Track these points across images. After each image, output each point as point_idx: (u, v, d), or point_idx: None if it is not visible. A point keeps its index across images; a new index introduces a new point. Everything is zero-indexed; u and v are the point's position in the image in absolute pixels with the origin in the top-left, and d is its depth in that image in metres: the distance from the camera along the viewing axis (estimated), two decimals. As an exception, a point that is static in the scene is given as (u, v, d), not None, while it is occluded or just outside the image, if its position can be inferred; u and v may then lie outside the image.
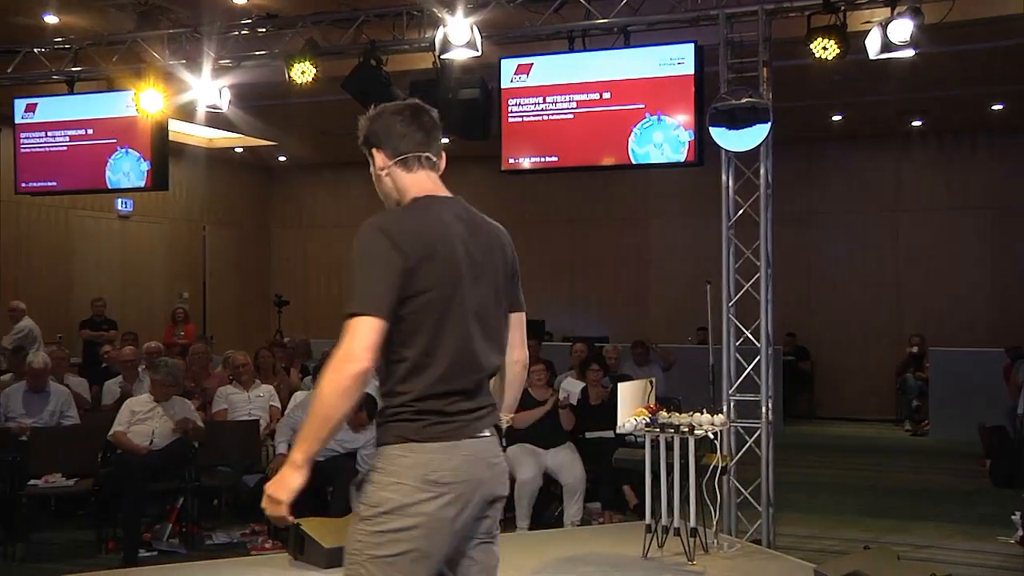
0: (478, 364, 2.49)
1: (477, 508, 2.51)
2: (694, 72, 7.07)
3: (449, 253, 2.45)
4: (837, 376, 14.21)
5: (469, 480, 2.46)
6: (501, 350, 2.58)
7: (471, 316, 2.46)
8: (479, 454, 2.49)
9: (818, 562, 5.70)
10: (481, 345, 2.48)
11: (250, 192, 17.52)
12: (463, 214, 2.59)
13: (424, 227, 2.47)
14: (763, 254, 6.88)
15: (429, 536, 2.42)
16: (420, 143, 2.62)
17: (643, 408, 6.16)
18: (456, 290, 2.44)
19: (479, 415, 2.50)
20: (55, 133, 9.27)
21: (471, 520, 2.52)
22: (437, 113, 2.70)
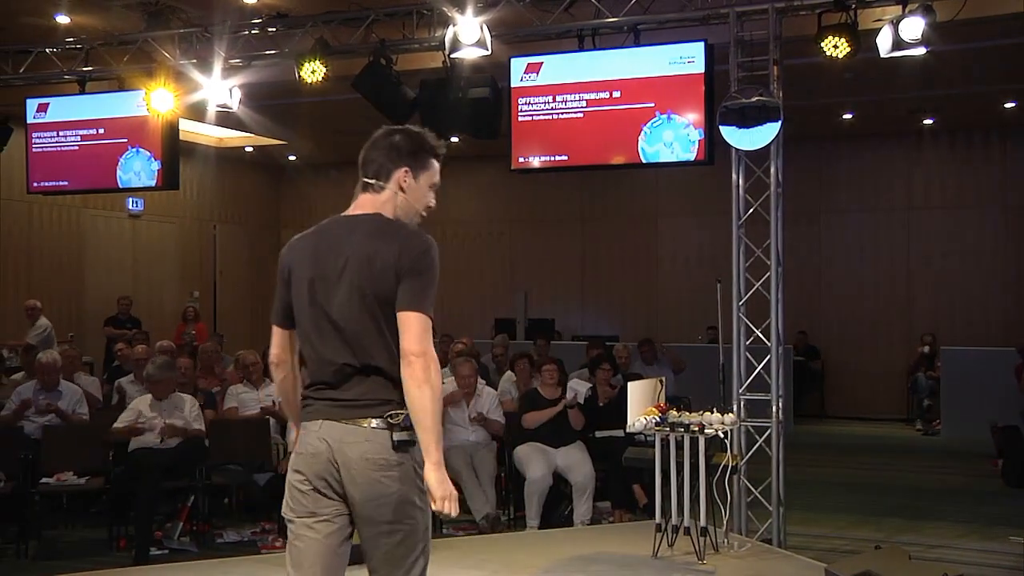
0: (328, 360, 2.84)
1: (320, 482, 2.83)
2: (704, 71, 7.05)
3: (301, 268, 2.91)
4: (848, 375, 14.18)
5: (315, 455, 2.83)
6: (362, 349, 2.81)
7: (323, 320, 2.84)
8: (332, 435, 2.80)
9: (829, 561, 5.69)
10: (333, 345, 2.83)
11: (260, 191, 17.57)
12: (336, 229, 2.94)
13: (299, 244, 2.99)
14: (773, 253, 6.87)
15: (290, 496, 2.91)
16: (360, 166, 3.02)
17: (653, 407, 6.16)
18: (306, 299, 2.88)
19: (345, 404, 2.81)
20: (67, 133, 9.31)
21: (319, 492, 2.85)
22: (391, 132, 3.06)
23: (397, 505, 2.80)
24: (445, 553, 6.32)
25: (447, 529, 7.39)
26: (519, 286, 15.86)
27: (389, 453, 2.77)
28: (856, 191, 14.36)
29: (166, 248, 15.43)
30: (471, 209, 16.74)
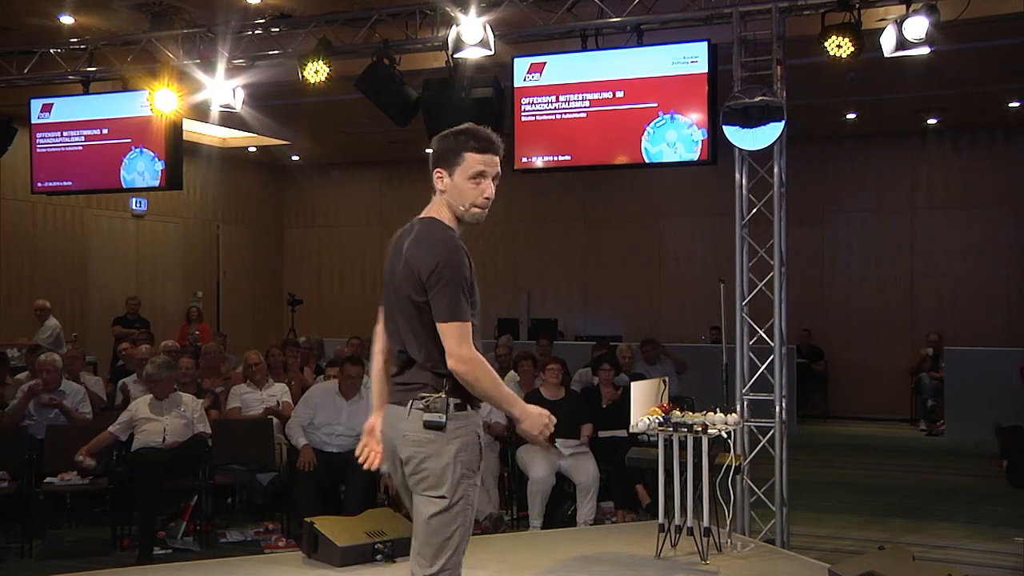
0: (393, 348, 3.24)
1: (391, 458, 3.20)
2: (708, 71, 7.05)
3: (386, 263, 3.29)
4: (851, 376, 14.16)
5: (384, 437, 3.24)
6: (409, 340, 3.14)
7: (391, 312, 3.24)
8: (389, 417, 3.20)
9: (832, 562, 5.69)
10: (395, 334, 3.21)
11: (263, 191, 17.59)
12: (406, 230, 3.29)
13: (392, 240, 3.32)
14: (777, 253, 6.86)
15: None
16: None
17: (656, 407, 6.15)
18: (385, 292, 3.26)
19: (399, 387, 3.18)
20: (71, 133, 9.32)
21: (394, 468, 3.20)
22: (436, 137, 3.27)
23: (431, 479, 3.05)
24: (448, 553, 6.31)
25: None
26: (522, 286, 15.87)
27: (421, 432, 3.06)
28: (860, 191, 14.34)
29: (170, 248, 15.45)
30: (474, 209, 16.73)
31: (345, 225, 17.59)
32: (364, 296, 17.32)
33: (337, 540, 5.91)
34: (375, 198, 17.51)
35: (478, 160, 3.15)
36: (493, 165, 3.17)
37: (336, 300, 17.30)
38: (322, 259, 17.76)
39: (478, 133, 3.18)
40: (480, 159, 3.15)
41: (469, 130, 3.19)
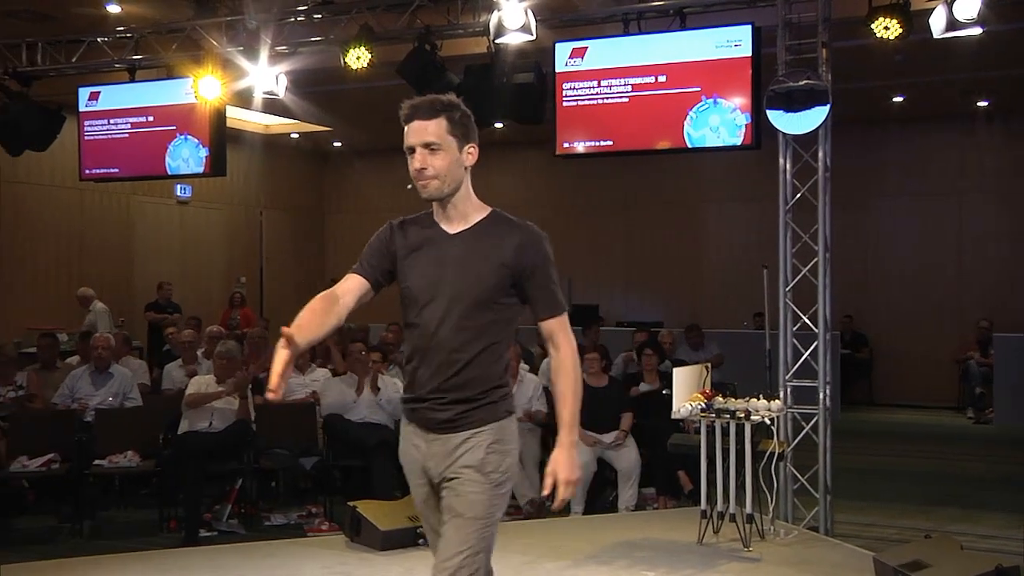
0: None
1: None
2: (751, 54, 6.97)
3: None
4: (897, 362, 13.97)
5: None
6: None
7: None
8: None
9: (877, 550, 5.63)
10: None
11: (305, 177, 17.70)
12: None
13: None
14: (821, 238, 6.78)
15: None
16: None
17: (699, 393, 6.13)
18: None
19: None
20: (117, 120, 9.43)
21: None
22: None
23: None
24: (490, 538, 6.34)
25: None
26: (563, 272, 15.62)
27: None
28: (906, 175, 14.12)
29: (213, 234, 15.62)
30: (515, 195, 16.70)
31: (386, 211, 17.48)
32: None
33: (380, 524, 5.97)
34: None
35: (405, 132, 2.89)
36: (417, 135, 2.85)
37: (378, 286, 17.38)
38: (363, 244, 17.74)
39: (408, 102, 2.92)
40: (406, 131, 2.88)
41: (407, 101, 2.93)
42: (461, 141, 2.88)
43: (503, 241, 2.90)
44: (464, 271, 2.86)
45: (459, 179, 2.89)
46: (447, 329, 2.84)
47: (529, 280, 2.91)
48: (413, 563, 5.73)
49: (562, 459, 2.87)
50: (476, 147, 2.92)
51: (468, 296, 2.85)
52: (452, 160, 2.86)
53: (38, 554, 6.34)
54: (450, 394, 2.85)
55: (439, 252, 2.91)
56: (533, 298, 2.92)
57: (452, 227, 2.94)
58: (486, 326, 2.87)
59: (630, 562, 5.78)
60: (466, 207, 2.94)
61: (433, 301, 2.87)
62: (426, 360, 2.88)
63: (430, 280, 2.89)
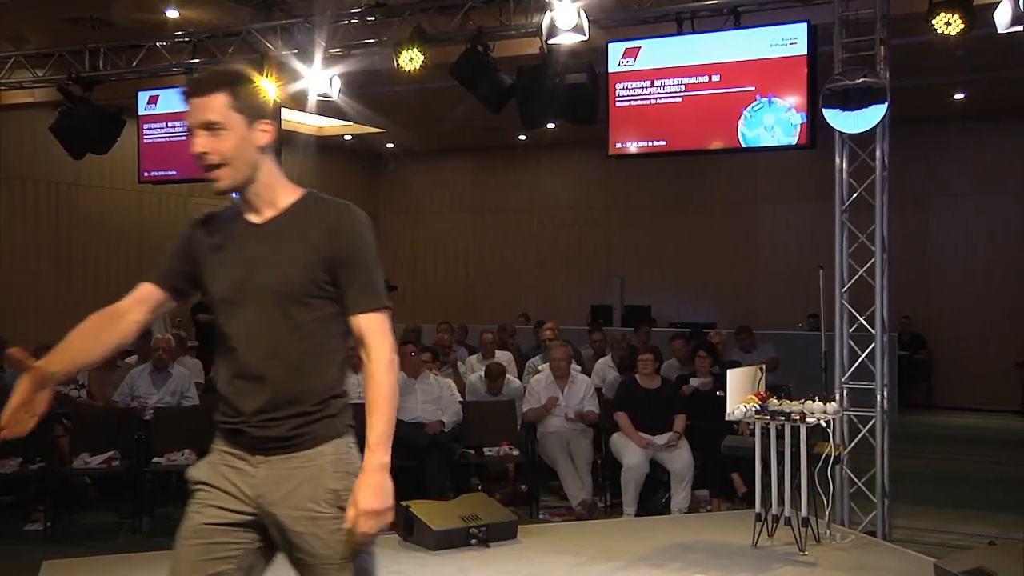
0: None
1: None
2: (807, 52, 6.88)
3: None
4: (957, 364, 13.71)
5: None
6: None
7: None
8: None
9: (938, 556, 5.53)
10: None
11: (358, 179, 17.84)
12: None
13: None
14: (878, 238, 6.68)
15: None
16: None
17: (753, 395, 6.07)
18: None
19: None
20: (175, 123, 9.59)
21: None
22: None
23: None
24: (542, 539, 6.35)
25: (543, 515, 7.41)
26: (615, 273, 15.79)
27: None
28: (967, 174, 13.85)
29: (269, 235, 15.79)
30: (567, 195, 16.72)
31: (439, 212, 17.75)
32: (457, 283, 17.49)
33: (432, 524, 5.99)
34: (469, 185, 17.62)
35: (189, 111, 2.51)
36: (196, 113, 2.48)
37: (429, 287, 17.49)
38: (416, 246, 17.95)
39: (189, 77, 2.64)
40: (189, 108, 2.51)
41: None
42: (249, 118, 2.45)
43: (314, 225, 2.46)
44: (272, 266, 2.44)
45: (253, 162, 2.48)
46: (262, 336, 2.43)
47: (342, 268, 2.44)
48: (466, 563, 5.75)
49: (363, 484, 2.33)
50: (271, 124, 2.49)
51: (280, 294, 2.43)
52: (239, 141, 2.44)
53: (99, 549, 6.47)
54: (279, 411, 2.42)
55: (244, 248, 2.49)
56: (344, 289, 2.45)
57: (258, 216, 2.52)
58: (306, 326, 2.43)
59: (683, 565, 5.74)
60: (272, 192, 2.51)
61: (242, 305, 2.46)
62: (244, 374, 2.45)
63: (234, 281, 2.47)
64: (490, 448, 7.50)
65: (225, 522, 2.45)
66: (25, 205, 12.54)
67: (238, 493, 2.46)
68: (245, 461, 2.46)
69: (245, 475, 2.45)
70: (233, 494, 2.46)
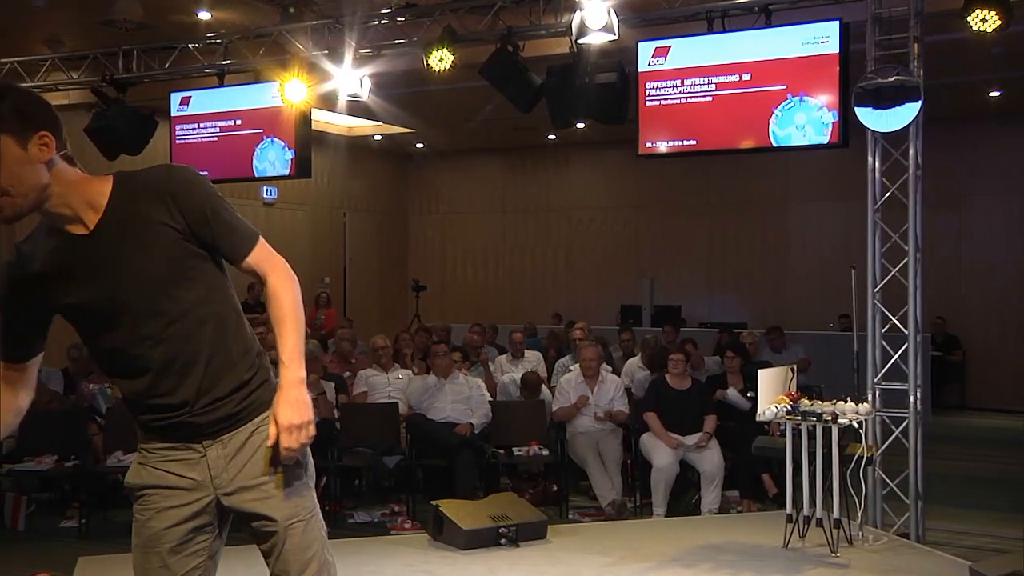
0: None
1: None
2: (839, 51, 6.82)
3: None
4: (991, 365, 13.53)
5: None
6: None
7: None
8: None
9: (973, 560, 5.47)
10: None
11: (388, 179, 17.91)
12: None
13: None
14: (911, 238, 6.61)
15: None
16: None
17: (784, 395, 6.03)
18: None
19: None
20: (207, 124, 9.68)
21: None
22: None
23: None
24: (571, 539, 6.35)
25: (573, 515, 7.41)
26: (645, 272, 15.75)
27: None
28: (1002, 173, 13.67)
29: (298, 235, 15.90)
30: (597, 195, 16.69)
31: (468, 212, 17.77)
32: (487, 282, 17.50)
33: (462, 523, 6.00)
34: (498, 185, 17.63)
35: None
36: None
37: (459, 286, 17.52)
38: (446, 245, 17.99)
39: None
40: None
41: None
42: (20, 137, 2.16)
43: (150, 204, 2.29)
44: (133, 267, 2.30)
45: (40, 182, 2.20)
46: (153, 341, 2.33)
47: (200, 227, 2.32)
48: (495, 562, 5.75)
49: (281, 400, 2.34)
50: (49, 134, 2.20)
51: (155, 289, 2.31)
52: (13, 165, 2.15)
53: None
54: (213, 392, 2.38)
55: (88, 263, 2.29)
56: (214, 244, 2.35)
57: (82, 227, 2.30)
58: (199, 301, 2.36)
59: (714, 566, 5.71)
60: (81, 196, 2.28)
61: (122, 317, 2.31)
62: (163, 369, 2.35)
63: (98, 298, 2.30)
64: (520, 448, 7.51)
65: (185, 518, 2.43)
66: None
67: (188, 484, 2.42)
68: (190, 450, 2.41)
69: (192, 463, 2.41)
70: (184, 487, 2.42)
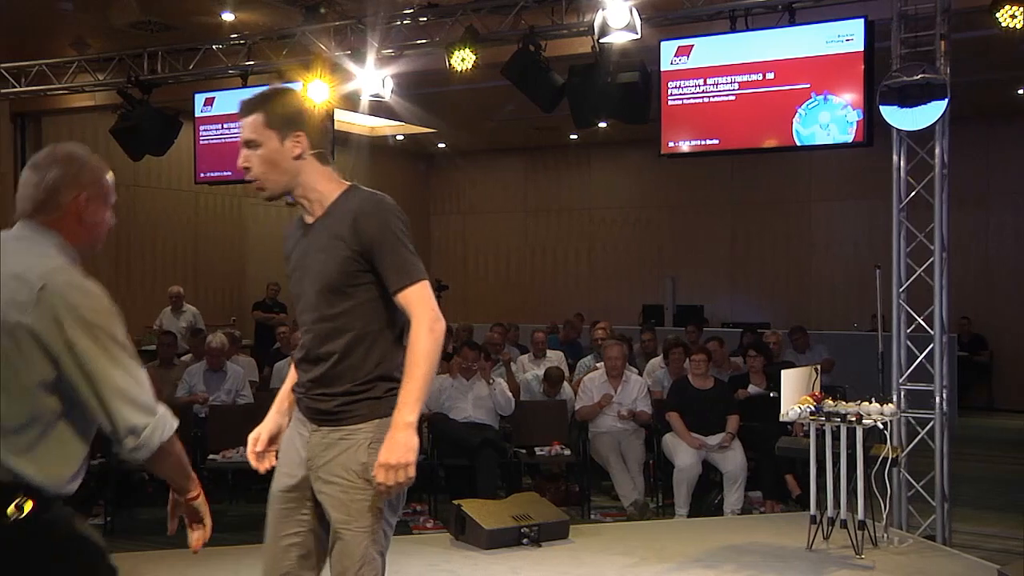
0: None
1: None
2: (864, 49, 6.77)
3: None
4: (1019, 365, 13.39)
5: None
6: None
7: None
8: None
9: (1001, 563, 5.41)
10: None
11: (410, 179, 17.94)
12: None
13: None
14: (937, 237, 6.55)
15: None
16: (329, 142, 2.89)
17: (808, 396, 5.99)
18: None
19: None
20: (230, 125, 9.72)
21: None
22: None
23: None
24: (593, 539, 6.34)
25: (595, 515, 7.40)
26: (667, 272, 15.70)
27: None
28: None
29: (322, 235, 15.94)
30: (619, 194, 16.65)
31: (490, 212, 17.78)
32: (509, 282, 17.50)
33: (484, 523, 6.00)
34: (520, 184, 17.63)
35: None
36: (242, 131, 2.84)
37: (481, 286, 17.52)
38: (467, 245, 18.00)
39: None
40: None
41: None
42: (282, 133, 2.75)
43: (344, 220, 2.70)
44: (315, 259, 2.75)
45: (291, 171, 2.77)
46: (312, 322, 2.75)
47: (373, 252, 2.66)
48: (517, 562, 5.75)
49: (387, 439, 2.59)
50: (303, 134, 2.75)
51: (323, 286, 2.72)
52: (272, 154, 2.76)
53: (158, 543, 6.57)
54: (327, 387, 2.73)
55: (299, 246, 2.84)
56: (381, 271, 2.67)
57: (311, 217, 2.83)
58: (350, 313, 2.70)
59: (737, 567, 5.68)
60: (319, 193, 2.79)
61: (301, 296, 2.81)
62: (305, 353, 2.79)
63: (297, 275, 2.83)
64: (542, 448, 7.50)
65: (288, 487, 2.80)
66: (85, 206, 12.78)
67: (297, 458, 2.80)
68: (305, 427, 2.80)
69: (303, 439, 2.79)
70: (294, 461, 2.81)
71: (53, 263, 2.26)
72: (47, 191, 2.33)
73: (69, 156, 2.39)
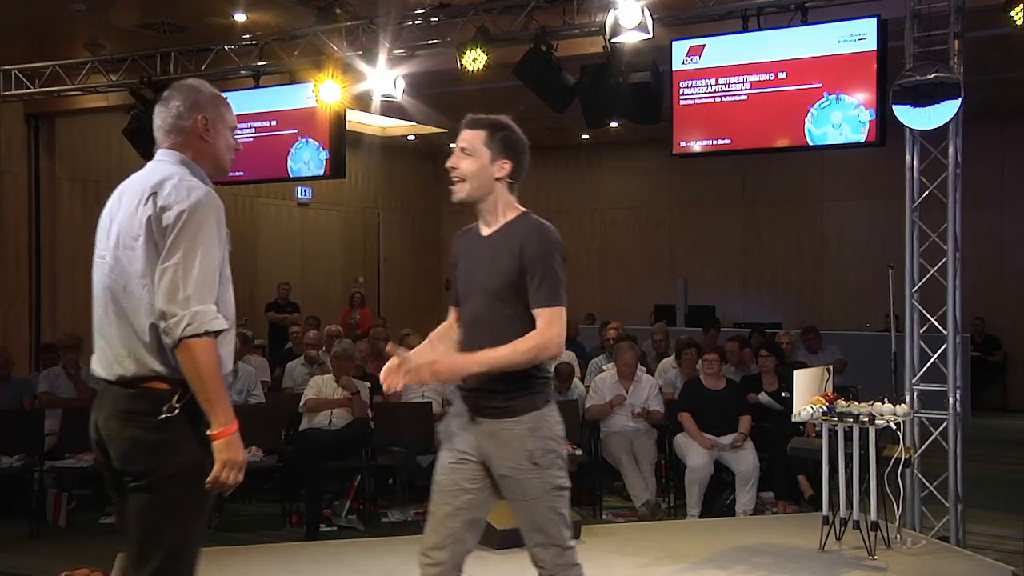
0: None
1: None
2: (876, 48, 6.75)
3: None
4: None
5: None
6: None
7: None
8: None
9: (1016, 564, 5.39)
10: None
11: (422, 179, 17.95)
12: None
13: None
14: (951, 237, 6.53)
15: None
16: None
17: (820, 396, 5.98)
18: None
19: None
20: (242, 125, 9.73)
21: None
22: None
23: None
24: (605, 539, 6.33)
25: (607, 515, 7.39)
26: (679, 272, 15.67)
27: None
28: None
29: (332, 235, 15.99)
30: (631, 194, 16.64)
31: (501, 212, 17.76)
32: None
33: (497, 523, 5.98)
34: (531, 184, 17.43)
35: None
36: (459, 140, 3.30)
37: (492, 286, 17.52)
38: (478, 245, 17.97)
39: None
40: None
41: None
42: (496, 154, 3.18)
43: (514, 239, 3.10)
44: (487, 268, 3.13)
45: (488, 186, 3.18)
46: (480, 322, 3.13)
47: (528, 271, 3.05)
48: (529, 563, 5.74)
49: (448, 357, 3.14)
50: (511, 164, 3.18)
51: (490, 292, 3.10)
52: (480, 166, 3.17)
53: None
54: (493, 385, 3.07)
55: (474, 252, 3.22)
56: (530, 288, 3.05)
57: (487, 229, 3.22)
58: (509, 319, 3.07)
59: (749, 567, 5.67)
60: (498, 213, 3.20)
61: (469, 297, 3.20)
62: (469, 351, 3.13)
63: (466, 278, 3.22)
64: (553, 448, 7.49)
65: (459, 460, 3.21)
66: (100, 207, 12.83)
67: (464, 445, 3.20)
68: (469, 420, 3.17)
69: (469, 431, 3.18)
70: (461, 446, 3.21)
71: (167, 171, 2.73)
72: (173, 118, 2.81)
73: (187, 86, 2.88)
